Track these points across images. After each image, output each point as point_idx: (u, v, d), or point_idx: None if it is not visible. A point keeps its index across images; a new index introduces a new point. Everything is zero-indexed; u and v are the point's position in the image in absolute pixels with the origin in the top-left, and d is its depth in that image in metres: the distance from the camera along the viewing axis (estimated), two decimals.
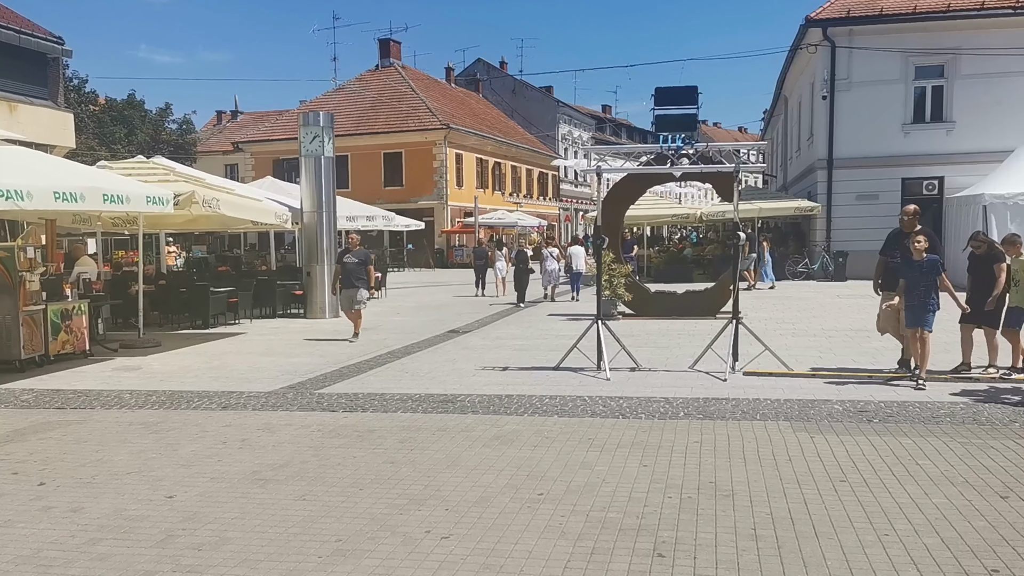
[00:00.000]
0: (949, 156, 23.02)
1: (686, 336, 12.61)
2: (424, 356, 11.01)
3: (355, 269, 12.39)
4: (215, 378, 9.45)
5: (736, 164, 8.81)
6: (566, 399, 7.64)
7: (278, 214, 13.52)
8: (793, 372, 8.75)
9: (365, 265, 12.55)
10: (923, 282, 8.05)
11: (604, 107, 77.27)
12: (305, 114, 16.65)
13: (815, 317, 15.00)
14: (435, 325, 14.91)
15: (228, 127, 53.45)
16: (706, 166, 9.05)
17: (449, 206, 40.23)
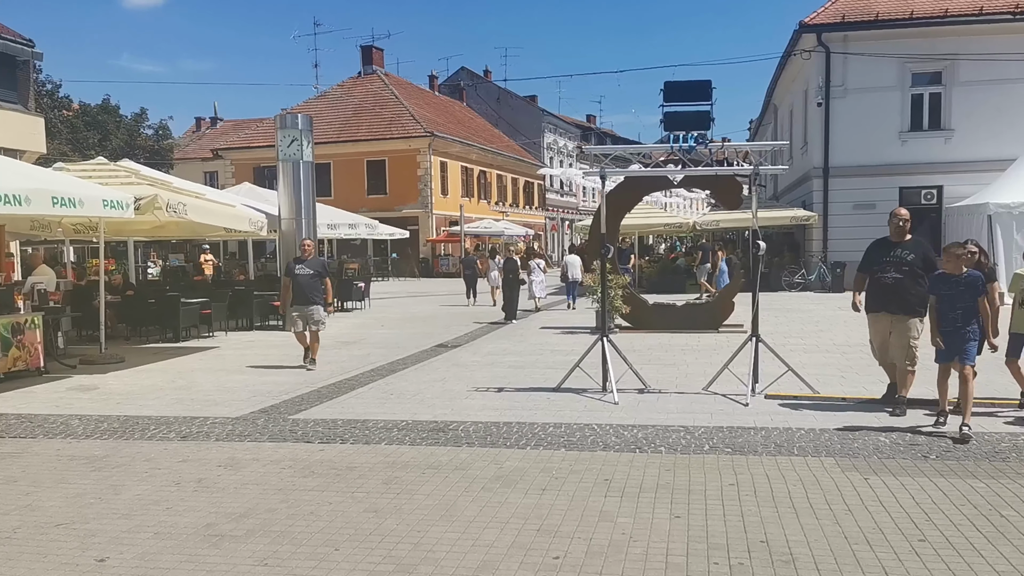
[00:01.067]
0: (948, 165, 22.47)
1: (691, 352, 11.80)
2: (411, 374, 10.12)
3: (309, 283, 10.47)
4: (178, 400, 8.52)
5: (755, 166, 8.02)
6: (572, 428, 6.78)
7: (253, 221, 12.61)
8: (821, 395, 7.94)
9: (322, 277, 10.63)
10: (962, 303, 6.48)
11: (589, 117, 76.76)
12: (282, 116, 15.79)
13: (822, 331, 14.26)
14: (422, 338, 14.02)
15: (208, 134, 52.30)
16: (721, 168, 8.25)
17: (434, 215, 39.36)
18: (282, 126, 15.80)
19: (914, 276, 7.07)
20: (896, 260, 7.17)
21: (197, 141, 51.75)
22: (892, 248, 7.27)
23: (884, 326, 7.35)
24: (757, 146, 8.27)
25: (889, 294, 7.18)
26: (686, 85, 8.04)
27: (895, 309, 7.16)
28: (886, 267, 7.20)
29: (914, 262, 7.12)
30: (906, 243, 7.23)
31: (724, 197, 14.87)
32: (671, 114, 8.05)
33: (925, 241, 7.45)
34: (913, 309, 7.08)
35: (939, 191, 22.98)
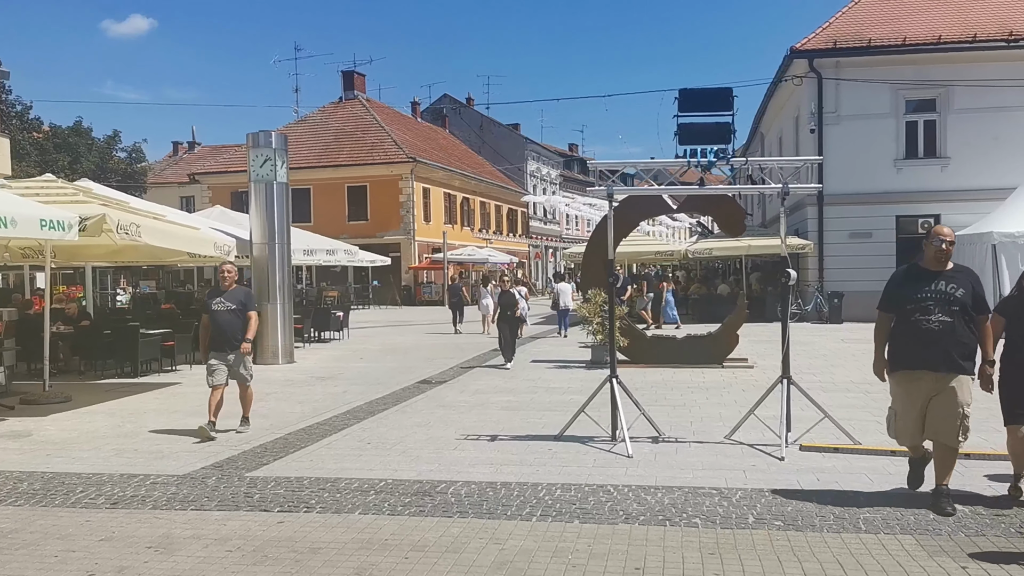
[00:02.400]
0: (945, 193, 21.88)
1: (698, 390, 10.80)
2: (391, 417, 9.02)
3: (230, 321, 8.07)
4: (119, 451, 7.36)
5: (783, 184, 7.10)
6: (584, 491, 5.72)
7: (219, 245, 11.52)
8: (864, 447, 6.95)
9: (246, 311, 8.22)
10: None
11: (571, 146, 76.50)
12: (255, 135, 14.74)
13: (833, 366, 13.32)
14: (404, 373, 12.93)
15: (185, 158, 51.09)
16: (744, 187, 7.32)
17: (416, 241, 38.34)
18: (255, 145, 14.76)
19: (965, 318, 5.23)
20: (941, 297, 5.22)
21: (174, 166, 50.52)
22: (931, 280, 5.30)
23: (924, 389, 5.26)
24: (786, 162, 7.36)
25: (933, 345, 5.18)
26: (704, 93, 7.13)
27: (943, 365, 5.19)
28: (927, 306, 5.23)
29: (964, 299, 5.22)
30: (950, 273, 5.32)
31: (727, 223, 14.02)
32: (687, 126, 7.13)
33: (971, 269, 5.64)
34: (967, 365, 5.25)
35: (937, 220, 22.23)
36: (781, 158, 7.11)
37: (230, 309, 8.11)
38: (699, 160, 6.96)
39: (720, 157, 6.96)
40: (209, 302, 8.26)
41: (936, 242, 5.34)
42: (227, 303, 8.13)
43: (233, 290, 8.27)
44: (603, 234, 14.29)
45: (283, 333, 14.74)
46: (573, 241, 61.61)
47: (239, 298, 8.23)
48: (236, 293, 8.28)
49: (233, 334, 8.09)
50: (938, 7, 23.06)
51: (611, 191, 7.10)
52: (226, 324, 8.10)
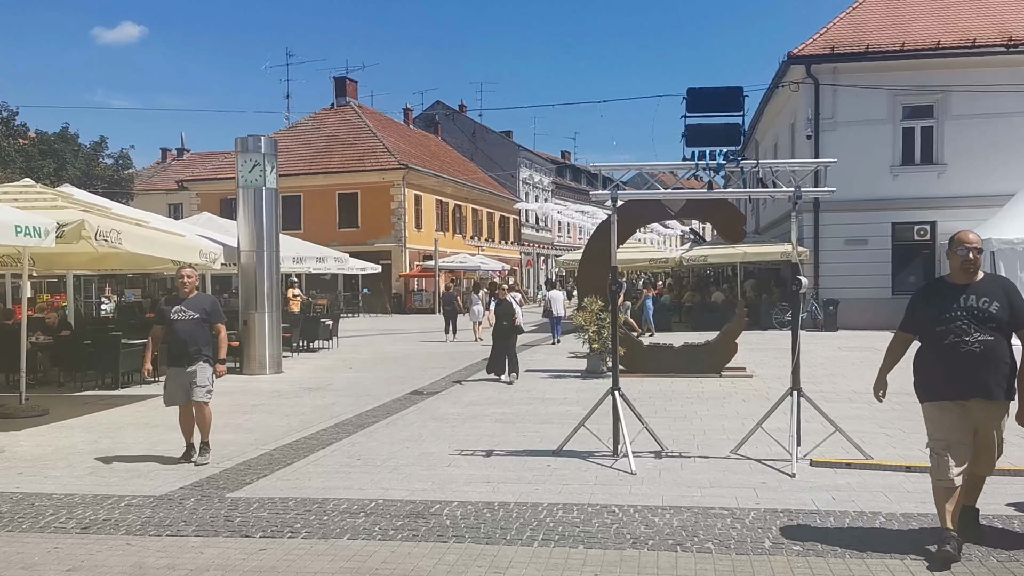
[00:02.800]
0: (941, 200, 21.70)
1: (698, 400, 10.48)
2: (382, 431, 8.66)
3: (192, 331, 7.19)
4: (93, 469, 6.99)
5: (796, 187, 6.80)
6: (587, 511, 5.39)
7: (204, 252, 11.15)
8: (877, 463, 6.64)
9: (210, 322, 7.32)
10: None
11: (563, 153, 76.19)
12: (243, 139, 14.38)
13: (832, 375, 13.03)
14: (394, 384, 12.58)
15: (173, 165, 50.56)
16: (755, 190, 7.03)
17: (407, 249, 37.96)
18: (243, 149, 14.40)
19: (1004, 336, 4.63)
20: (976, 314, 4.56)
21: (162, 172, 50.01)
22: (959, 294, 4.66)
23: (973, 419, 4.62)
24: (798, 165, 7.06)
25: (980, 369, 4.55)
26: (713, 93, 6.84)
27: (995, 392, 4.57)
28: (960, 325, 4.58)
29: (1000, 315, 4.57)
30: (981, 285, 4.67)
31: (726, 229, 13.79)
32: (695, 127, 6.84)
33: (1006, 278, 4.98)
34: (1012, 389, 4.64)
35: (933, 227, 22.18)
36: (793, 160, 6.80)
37: (192, 319, 7.21)
38: (708, 162, 6.66)
39: (730, 159, 6.66)
40: (167, 310, 7.33)
41: (961, 251, 4.67)
42: (189, 312, 7.23)
43: (195, 297, 7.38)
44: (601, 240, 14.02)
45: (271, 342, 14.36)
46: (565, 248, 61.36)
47: (203, 306, 7.30)
48: (199, 301, 7.37)
49: (196, 346, 7.19)
50: (937, 12, 22.92)
51: (615, 194, 6.79)
52: (188, 335, 7.19)
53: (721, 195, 7.05)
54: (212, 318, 7.34)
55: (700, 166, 6.69)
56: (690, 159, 6.80)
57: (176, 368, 7.32)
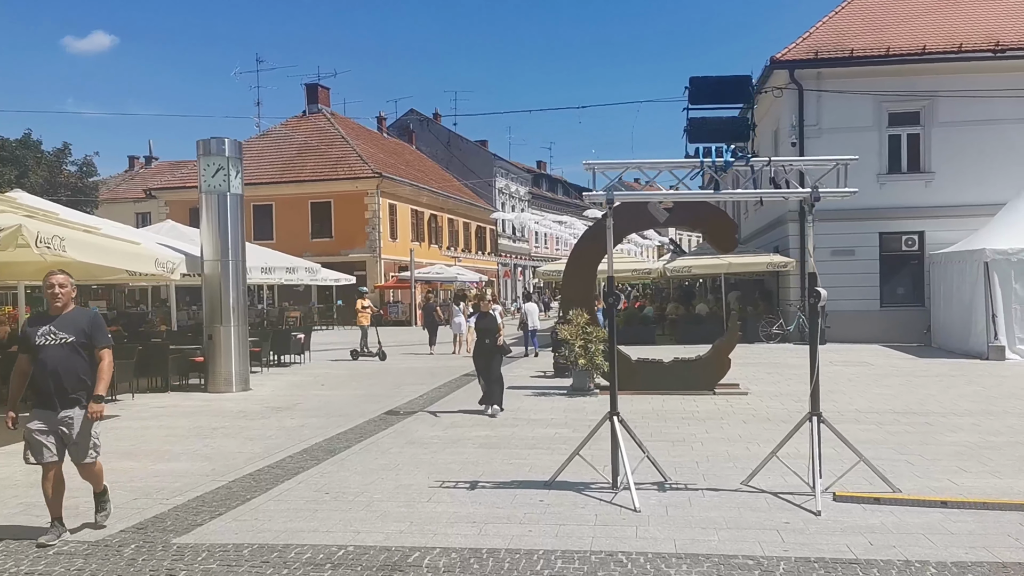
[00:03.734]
0: (929, 209, 21.29)
1: (694, 421, 9.80)
2: (354, 459, 7.86)
3: (66, 361, 5.26)
4: (28, 506, 6.12)
5: (813, 188, 6.14)
6: (592, 561, 4.65)
7: (161, 262, 10.29)
8: (908, 497, 5.95)
9: (90, 347, 5.39)
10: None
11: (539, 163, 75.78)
12: (206, 141, 13.52)
13: (831, 392, 12.39)
14: (369, 402, 11.77)
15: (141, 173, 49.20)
16: (768, 191, 6.37)
17: (382, 259, 37.07)
18: (206, 152, 13.54)
19: None
20: None
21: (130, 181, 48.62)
22: None
23: None
24: (815, 163, 6.40)
25: None
26: (718, 82, 6.18)
27: None
28: None
29: None
30: None
31: (718, 238, 13.15)
32: (699, 120, 6.16)
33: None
34: None
35: (921, 236, 21.78)
36: (808, 158, 6.13)
37: (65, 342, 5.25)
38: (714, 160, 5.98)
39: (738, 156, 5.99)
40: (32, 332, 5.30)
41: None
42: (60, 334, 5.25)
43: (70, 313, 5.39)
44: (587, 249, 13.35)
45: (237, 358, 13.49)
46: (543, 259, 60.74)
47: (80, 326, 5.34)
48: (74, 318, 5.37)
49: (71, 382, 5.25)
50: (923, 17, 22.62)
51: (611, 196, 6.08)
52: (60, 367, 5.22)
53: (729, 197, 6.37)
54: (94, 341, 5.37)
55: (706, 164, 6.00)
56: (693, 156, 6.12)
57: (44, 412, 5.27)
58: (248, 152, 40.75)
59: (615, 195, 6.05)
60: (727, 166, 5.97)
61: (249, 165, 40.02)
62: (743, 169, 6.12)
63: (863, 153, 21.70)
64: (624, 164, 6.10)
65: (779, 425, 9.43)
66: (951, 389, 12.31)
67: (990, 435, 8.55)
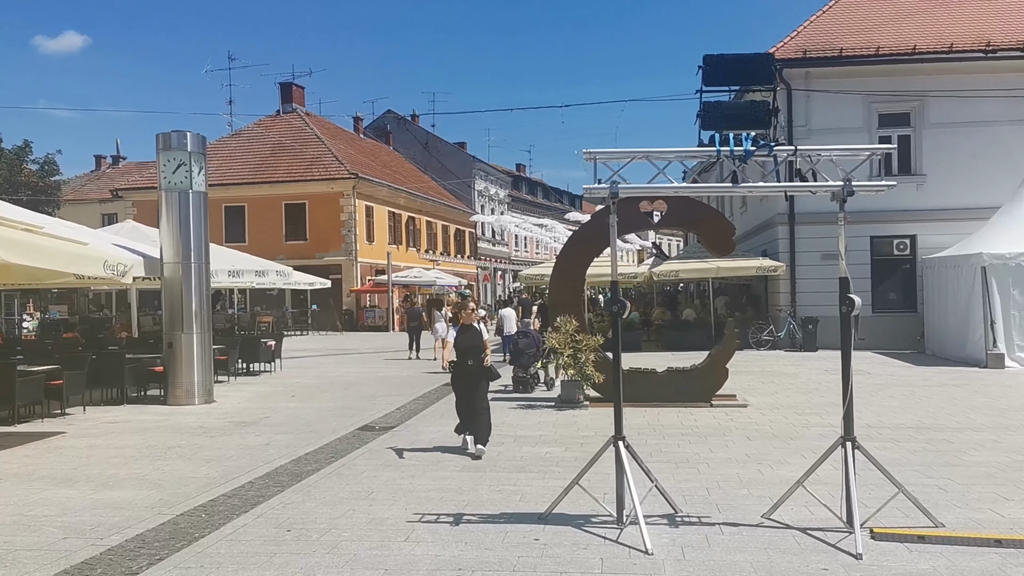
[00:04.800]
0: (921, 213, 20.80)
1: (695, 438, 9.04)
2: (322, 485, 7.00)
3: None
4: None
5: (846, 181, 5.41)
6: None
7: (111, 264, 9.35)
8: (955, 534, 5.21)
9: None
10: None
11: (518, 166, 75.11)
12: (166, 135, 12.60)
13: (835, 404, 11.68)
14: (342, 416, 10.91)
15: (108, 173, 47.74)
16: (794, 185, 5.63)
17: (359, 263, 36.07)
18: (166, 147, 12.60)
19: None
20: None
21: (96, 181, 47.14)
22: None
23: None
24: (847, 152, 5.66)
25: None
26: (736, 60, 5.47)
27: None
28: None
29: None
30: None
31: (715, 241, 12.38)
32: (714, 105, 5.41)
33: None
34: None
35: (912, 240, 21.30)
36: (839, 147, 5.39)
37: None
38: (732, 149, 5.22)
39: (760, 145, 5.24)
40: None
41: None
42: None
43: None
44: (575, 252, 12.57)
45: (200, 368, 12.55)
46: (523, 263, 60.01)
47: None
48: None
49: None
50: (913, 16, 22.15)
51: (615, 189, 5.29)
52: None
53: (748, 191, 5.61)
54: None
55: (723, 154, 5.24)
56: (708, 145, 5.36)
57: None
58: (220, 152, 39.86)
59: (619, 188, 5.26)
60: (747, 156, 5.23)
61: (221, 166, 39.09)
62: (765, 160, 5.36)
63: None
64: (630, 153, 5.32)
65: (787, 443, 8.72)
66: (959, 400, 11.69)
67: (1016, 453, 7.89)
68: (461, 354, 8.35)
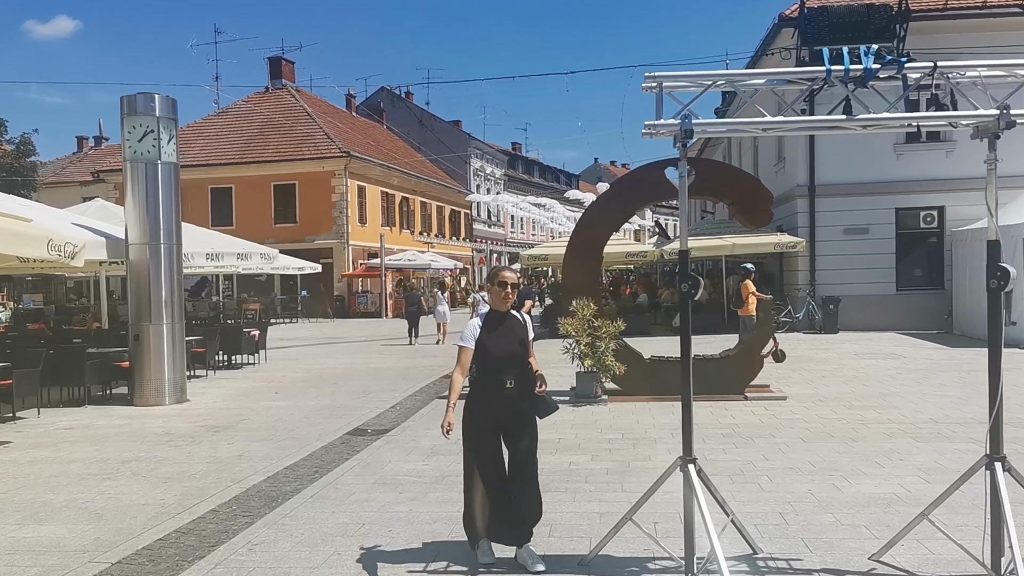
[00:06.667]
0: (950, 182, 19.48)
1: (739, 439, 7.74)
2: (302, 515, 5.65)
3: None
4: None
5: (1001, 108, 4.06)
6: None
7: (57, 244, 7.94)
8: None
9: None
10: None
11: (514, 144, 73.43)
12: (130, 98, 11.15)
13: (889, 394, 10.44)
14: (330, 418, 9.58)
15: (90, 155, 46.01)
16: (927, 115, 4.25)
17: (351, 246, 34.60)
18: (131, 112, 11.13)
19: None
20: None
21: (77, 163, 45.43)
22: None
23: None
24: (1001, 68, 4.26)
25: None
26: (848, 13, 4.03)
27: None
28: None
29: None
30: None
31: (750, 211, 10.88)
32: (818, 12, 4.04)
33: None
34: None
35: (940, 212, 20.01)
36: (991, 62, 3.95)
37: None
38: (847, 68, 3.85)
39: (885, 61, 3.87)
40: None
41: None
42: None
43: None
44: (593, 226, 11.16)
45: (171, 363, 11.17)
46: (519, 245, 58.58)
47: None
48: None
49: None
50: None
51: (688, 125, 3.92)
52: None
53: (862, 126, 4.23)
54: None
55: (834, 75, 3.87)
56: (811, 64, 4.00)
57: None
58: (206, 131, 38.24)
59: (693, 124, 3.89)
60: (868, 76, 3.86)
61: (207, 145, 37.49)
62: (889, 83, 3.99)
63: None
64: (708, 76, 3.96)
65: (850, 446, 7.42)
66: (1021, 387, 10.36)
67: None
68: (491, 367, 4.44)
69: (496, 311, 4.57)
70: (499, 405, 4.43)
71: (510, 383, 4.41)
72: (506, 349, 4.45)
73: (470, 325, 4.53)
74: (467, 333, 4.48)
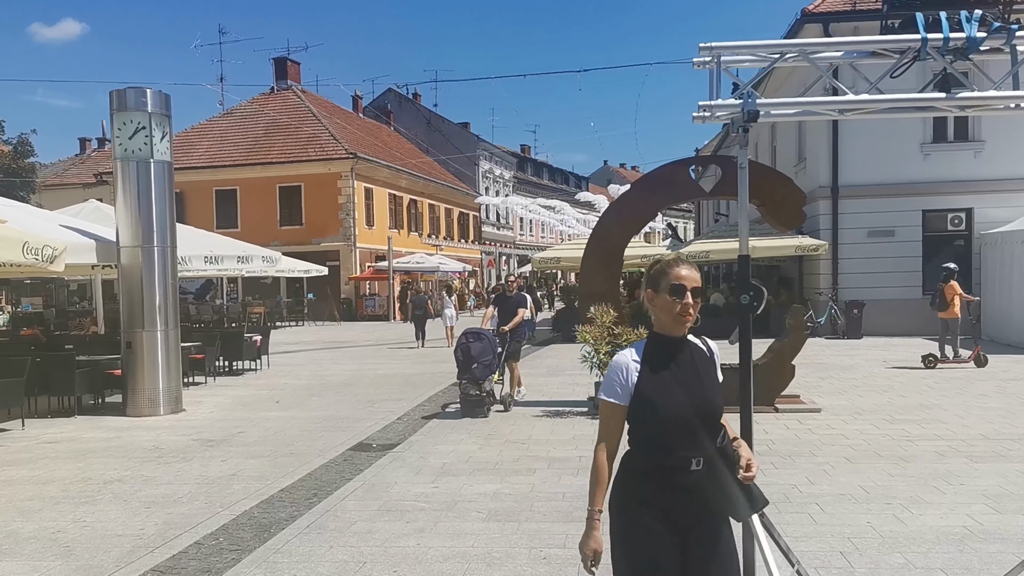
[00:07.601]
0: (978, 183, 18.79)
1: (777, 458, 7.08)
2: (296, 550, 5.00)
3: None
4: None
5: None
6: None
7: (34, 247, 7.32)
8: None
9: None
10: None
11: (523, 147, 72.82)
12: (120, 92, 10.53)
13: (932, 406, 9.73)
14: (333, 430, 8.94)
15: (93, 157, 45.55)
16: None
17: (358, 248, 33.98)
18: (121, 107, 10.52)
19: None
20: None
21: (80, 165, 44.96)
22: None
23: None
24: None
25: None
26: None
27: None
28: None
29: None
30: None
31: (780, 212, 10.20)
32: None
33: None
34: None
35: (968, 214, 19.26)
36: None
37: None
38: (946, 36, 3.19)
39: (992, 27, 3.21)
40: None
41: None
42: None
43: None
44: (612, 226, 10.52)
45: (165, 371, 10.54)
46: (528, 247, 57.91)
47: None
48: None
49: None
50: None
51: (751, 106, 3.27)
52: None
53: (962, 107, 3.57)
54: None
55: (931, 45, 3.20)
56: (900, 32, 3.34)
57: None
58: (210, 132, 37.73)
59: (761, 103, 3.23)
60: (972, 46, 3.21)
61: (211, 146, 36.99)
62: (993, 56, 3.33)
63: (905, 121, 19.02)
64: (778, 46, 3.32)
65: (902, 467, 6.73)
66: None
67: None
68: (663, 438, 2.55)
69: (663, 336, 2.66)
70: (678, 499, 2.54)
71: (697, 463, 2.53)
72: (691, 405, 2.54)
73: (618, 363, 2.61)
74: (613, 376, 2.59)
